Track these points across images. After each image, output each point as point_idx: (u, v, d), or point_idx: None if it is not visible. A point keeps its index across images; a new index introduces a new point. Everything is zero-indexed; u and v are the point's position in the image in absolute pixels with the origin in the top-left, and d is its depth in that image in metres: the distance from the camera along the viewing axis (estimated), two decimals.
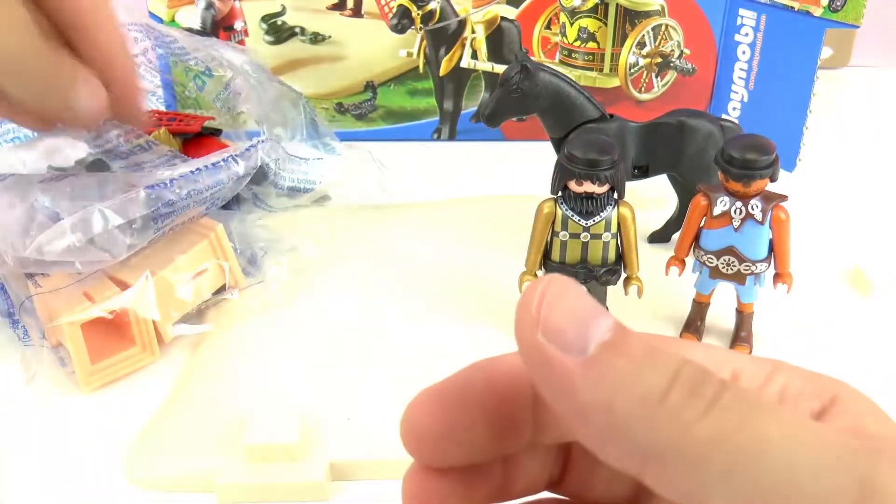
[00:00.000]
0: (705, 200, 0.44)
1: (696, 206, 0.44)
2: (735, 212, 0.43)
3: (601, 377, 0.16)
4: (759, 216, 0.43)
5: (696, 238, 0.45)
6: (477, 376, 0.20)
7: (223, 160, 0.49)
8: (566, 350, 0.17)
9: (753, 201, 0.43)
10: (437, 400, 0.19)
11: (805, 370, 0.20)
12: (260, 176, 0.56)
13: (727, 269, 0.45)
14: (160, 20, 0.68)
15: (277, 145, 0.54)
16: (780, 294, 0.46)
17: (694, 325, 0.48)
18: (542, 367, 0.17)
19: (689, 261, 0.47)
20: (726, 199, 0.43)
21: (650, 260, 0.47)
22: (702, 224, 0.45)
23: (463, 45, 0.72)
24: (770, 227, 0.43)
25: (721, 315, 0.49)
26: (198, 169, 0.47)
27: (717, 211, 0.43)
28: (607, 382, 0.16)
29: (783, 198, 0.43)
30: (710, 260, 0.45)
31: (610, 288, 0.46)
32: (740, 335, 0.47)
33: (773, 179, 0.43)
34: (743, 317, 0.47)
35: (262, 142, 0.52)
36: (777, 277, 0.45)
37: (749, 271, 0.44)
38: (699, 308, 0.48)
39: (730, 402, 0.16)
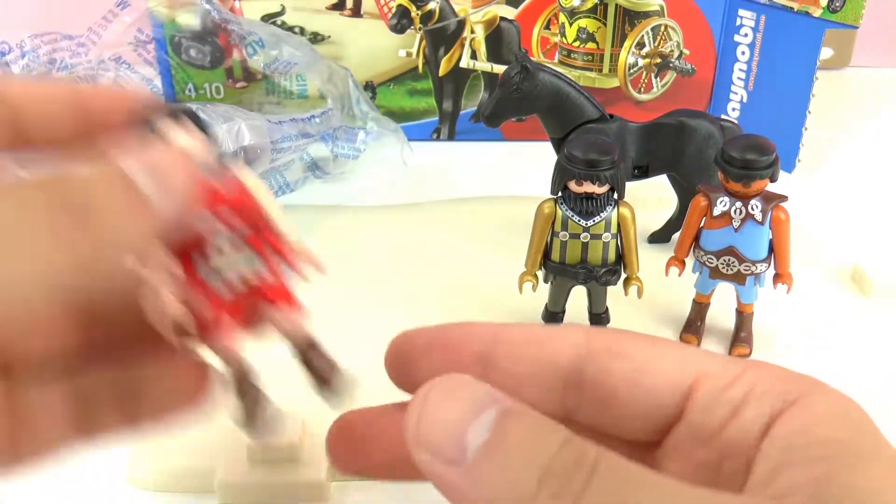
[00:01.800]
0: (705, 201, 0.44)
1: (695, 206, 0.44)
2: (735, 212, 0.43)
3: (480, 483, 0.18)
4: (758, 216, 0.43)
5: (696, 238, 0.45)
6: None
7: (307, 117, 0.57)
8: (448, 463, 0.18)
9: (753, 202, 0.43)
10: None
11: (783, 370, 0.21)
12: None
13: (727, 270, 0.45)
14: (160, 21, 0.68)
15: (337, 114, 0.61)
16: (780, 294, 0.46)
17: (694, 325, 0.48)
18: (433, 478, 0.19)
19: (689, 261, 0.47)
20: (726, 199, 0.43)
21: (650, 260, 0.47)
22: (702, 224, 0.45)
23: (462, 46, 0.72)
24: (770, 228, 0.44)
25: (721, 315, 0.49)
26: (293, 119, 0.57)
27: (716, 211, 0.43)
28: (486, 488, 0.18)
29: (783, 198, 0.43)
30: (709, 260, 0.45)
31: (610, 288, 0.46)
32: (740, 335, 0.47)
33: (773, 180, 0.43)
34: (743, 317, 0.47)
35: (331, 109, 0.58)
36: (777, 278, 0.45)
37: (749, 271, 0.44)
38: (699, 308, 0.48)
39: (599, 488, 0.17)
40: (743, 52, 0.70)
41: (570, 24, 0.72)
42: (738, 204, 0.43)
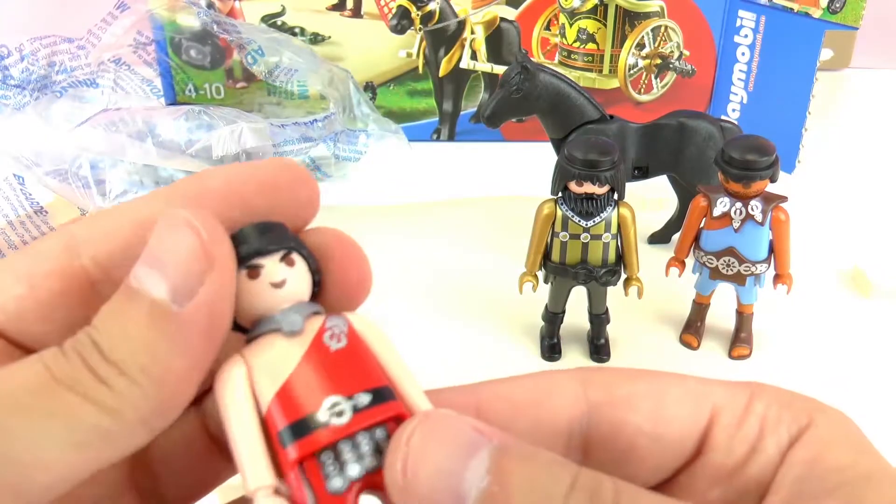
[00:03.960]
0: (705, 201, 0.44)
1: (696, 207, 0.45)
2: (735, 213, 0.43)
3: None
4: (758, 217, 0.43)
5: (696, 239, 0.45)
6: None
7: (309, 121, 0.58)
8: None
9: (753, 202, 0.43)
10: None
11: (783, 392, 0.20)
12: None
13: (727, 270, 0.45)
14: (160, 23, 0.68)
15: (339, 117, 0.62)
16: (780, 295, 0.46)
17: (694, 325, 0.48)
18: None
19: (690, 262, 0.47)
20: (726, 199, 0.43)
21: (650, 261, 0.47)
22: (702, 225, 0.45)
23: (462, 46, 0.72)
24: (770, 228, 0.44)
25: (721, 316, 0.49)
26: (296, 123, 0.57)
27: (717, 212, 0.43)
28: None
29: (783, 199, 0.43)
30: (710, 261, 0.45)
31: (610, 288, 0.46)
32: (740, 336, 0.47)
33: (772, 180, 0.43)
34: (743, 318, 0.47)
35: (333, 113, 0.58)
36: (777, 278, 0.45)
37: (749, 272, 0.44)
38: (699, 309, 0.48)
39: None
40: (743, 53, 0.70)
41: (571, 25, 0.72)
42: (738, 204, 0.43)
